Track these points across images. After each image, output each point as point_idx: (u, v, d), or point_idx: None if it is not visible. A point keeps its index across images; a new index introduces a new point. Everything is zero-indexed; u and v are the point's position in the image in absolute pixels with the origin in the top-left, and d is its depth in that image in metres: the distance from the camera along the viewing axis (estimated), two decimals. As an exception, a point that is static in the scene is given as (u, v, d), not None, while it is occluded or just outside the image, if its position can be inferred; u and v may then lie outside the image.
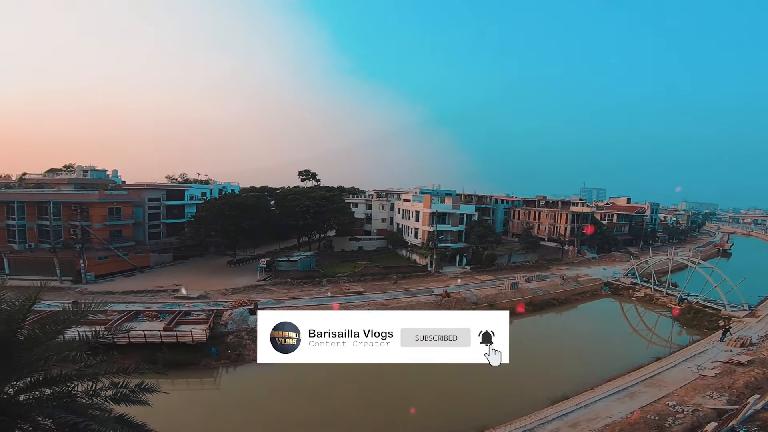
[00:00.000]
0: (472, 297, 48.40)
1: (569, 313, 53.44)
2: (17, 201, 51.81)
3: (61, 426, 9.77)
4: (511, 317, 44.74)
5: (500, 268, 67.66)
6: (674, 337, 45.83)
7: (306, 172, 79.32)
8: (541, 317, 50.54)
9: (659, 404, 25.82)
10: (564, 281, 60.16)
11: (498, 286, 54.26)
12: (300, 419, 24.95)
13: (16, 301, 11.95)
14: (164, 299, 41.90)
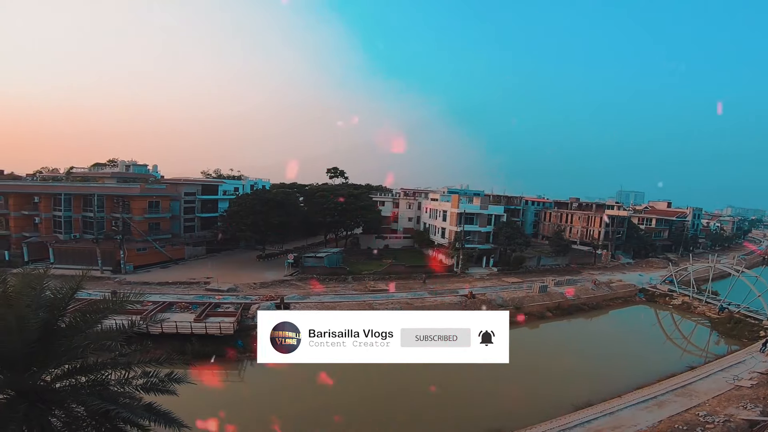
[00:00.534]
0: (497, 299, 47.65)
1: (600, 319, 51.86)
2: (64, 193, 55.21)
3: (93, 413, 10.30)
4: (537, 321, 44.42)
5: (528, 270, 66.32)
6: (711, 346, 43.76)
7: (334, 169, 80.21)
8: (569, 322, 49.27)
9: (689, 414, 24.88)
10: (595, 286, 58.33)
11: (525, 289, 53.18)
12: (321, 412, 25.43)
13: (59, 290, 12.53)
14: (196, 291, 43.63)
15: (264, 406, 25.68)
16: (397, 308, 41.68)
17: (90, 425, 10.60)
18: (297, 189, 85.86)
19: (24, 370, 10.42)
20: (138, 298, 14.59)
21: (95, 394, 10.76)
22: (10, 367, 10.24)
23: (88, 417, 10.64)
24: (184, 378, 13.23)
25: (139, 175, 68.51)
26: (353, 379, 29.54)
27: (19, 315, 10.31)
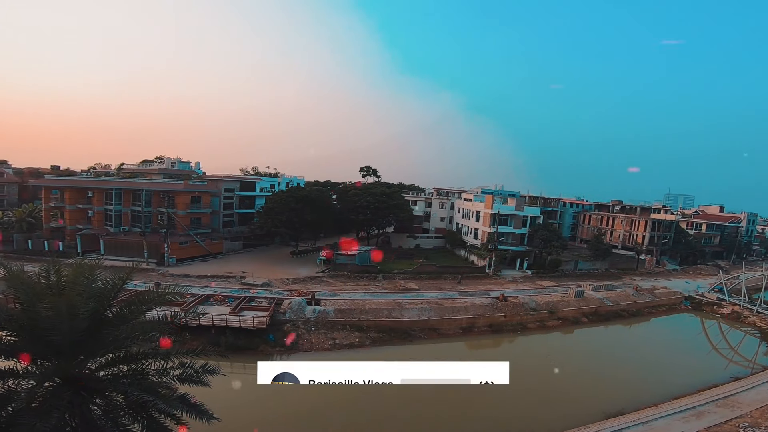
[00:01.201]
0: (530, 302, 46.55)
1: (639, 326, 49.78)
2: (115, 188, 58.91)
3: (132, 403, 10.89)
4: (571, 326, 43.10)
5: (565, 274, 64.31)
6: (760, 357, 41.33)
7: (367, 168, 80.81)
8: (605, 328, 47.66)
9: (728, 425, 23.84)
10: (637, 292, 56.01)
11: (560, 293, 51.77)
12: (345, 410, 25.83)
13: (109, 280, 13.18)
14: (232, 285, 45.38)
15: (289, 402, 26.27)
16: (426, 308, 41.65)
17: (127, 414, 11.19)
18: (330, 187, 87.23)
19: (71, 358, 11.05)
20: (179, 290, 15.35)
21: (135, 384, 11.30)
22: (59, 355, 10.87)
23: (126, 406, 11.19)
24: (217, 370, 13.81)
25: (183, 172, 71.90)
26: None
27: (70, 304, 10.84)
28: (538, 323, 44.57)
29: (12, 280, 12.14)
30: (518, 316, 44.18)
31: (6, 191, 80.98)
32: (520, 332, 42.43)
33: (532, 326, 43.91)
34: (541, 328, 44.02)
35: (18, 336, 11.23)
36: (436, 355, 36.81)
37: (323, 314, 37.62)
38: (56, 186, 63.52)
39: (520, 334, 42.14)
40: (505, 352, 39.86)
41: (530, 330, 43.24)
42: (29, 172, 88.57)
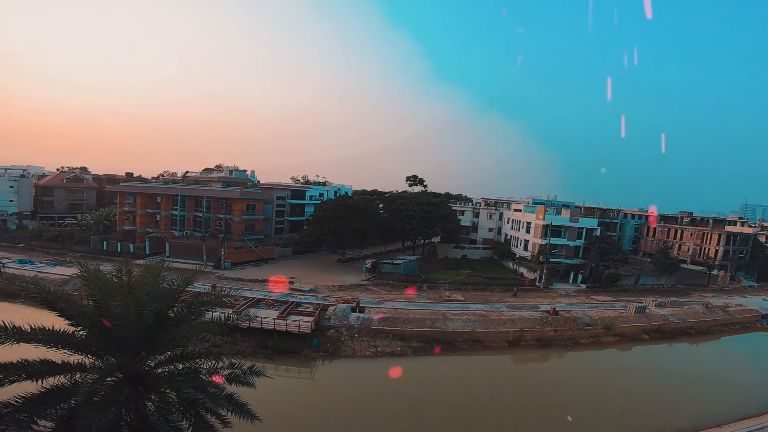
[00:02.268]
0: (584, 317, 44.27)
1: (708, 345, 46.05)
2: (180, 195, 63.60)
3: (183, 400, 11.63)
4: (629, 342, 40.89)
5: (624, 289, 60.66)
6: None
7: (413, 177, 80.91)
8: (669, 346, 44.57)
9: None
10: (707, 310, 51.83)
11: (619, 309, 48.98)
12: (386, 415, 25.88)
13: (173, 282, 14.08)
14: (281, 290, 47.04)
15: (330, 406, 26.73)
16: (471, 319, 40.80)
17: (178, 411, 11.92)
18: (377, 196, 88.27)
19: (134, 355, 11.90)
20: (233, 293, 16.23)
21: (188, 382, 12.04)
22: (123, 351, 11.75)
23: (178, 403, 11.93)
24: (263, 372, 14.46)
25: (239, 180, 76.14)
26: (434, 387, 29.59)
27: (138, 303, 11.73)
28: (592, 339, 42.29)
29: (88, 278, 13.20)
30: (570, 330, 42.13)
31: (86, 196, 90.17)
32: (571, 347, 40.54)
33: (585, 342, 41.74)
34: (594, 344, 41.81)
35: (89, 332, 12.18)
36: (479, 367, 36.14)
37: (366, 322, 38.03)
38: (129, 192, 69.66)
39: (570, 350, 40.26)
40: (554, 367, 38.39)
41: (582, 345, 41.17)
42: (106, 178, 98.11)
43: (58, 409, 11.03)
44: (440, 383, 31.76)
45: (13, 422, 10.35)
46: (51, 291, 12.81)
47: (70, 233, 67.06)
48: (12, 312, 33.92)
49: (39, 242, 64.88)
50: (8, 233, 70.54)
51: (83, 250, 60.34)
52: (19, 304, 37.73)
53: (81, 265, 14.22)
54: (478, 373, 34.91)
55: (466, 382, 32.32)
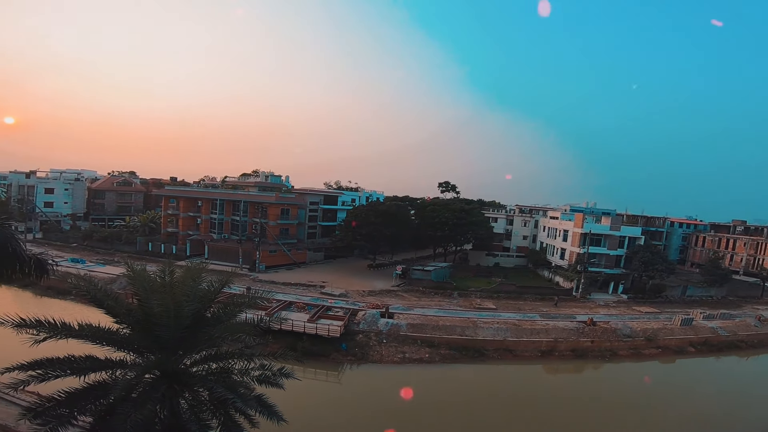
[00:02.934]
0: (624, 329, 42.56)
1: (759, 359, 43.39)
2: (219, 199, 66.25)
3: (214, 399, 11.98)
4: (673, 355, 39.18)
5: (669, 300, 57.83)
6: None
7: (446, 183, 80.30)
8: (716, 360, 42.37)
9: None
10: (759, 323, 48.88)
11: (662, 320, 46.74)
12: (411, 422, 25.74)
13: (211, 283, 14.47)
14: (312, 293, 48.02)
15: (356, 409, 26.84)
16: (502, 328, 39.97)
17: (208, 410, 12.30)
18: (409, 202, 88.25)
19: (171, 354, 12.37)
20: (266, 296, 16.68)
21: (220, 381, 12.38)
22: (162, 350, 12.24)
23: (209, 402, 12.31)
24: (292, 374, 14.72)
25: (275, 185, 78.49)
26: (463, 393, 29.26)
27: (177, 303, 12.21)
28: (632, 351, 40.55)
29: (134, 278, 13.88)
30: (608, 342, 40.59)
31: (134, 199, 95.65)
32: (609, 359, 39.03)
33: (624, 353, 40.09)
34: (634, 355, 40.06)
35: (132, 330, 12.78)
36: (509, 376, 35.41)
37: (395, 327, 38.01)
38: (173, 196, 73.35)
39: (608, 361, 38.79)
40: (589, 379, 37.21)
41: (621, 357, 39.60)
42: (153, 182, 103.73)
43: (97, 405, 11.51)
44: (468, 391, 31.38)
45: (55, 417, 10.85)
46: (100, 289, 13.47)
47: (118, 234, 71.37)
48: (62, 309, 36.44)
49: (90, 242, 69.42)
50: (62, 233, 75.92)
51: (130, 251, 63.95)
52: (69, 301, 40.29)
53: (128, 265, 14.96)
54: (508, 382, 34.26)
55: (494, 391, 31.76)
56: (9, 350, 12.55)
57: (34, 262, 13.33)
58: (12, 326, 10.94)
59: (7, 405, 20.46)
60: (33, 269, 13.26)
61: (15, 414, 15.60)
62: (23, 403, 17.22)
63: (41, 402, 11.63)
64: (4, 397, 21.02)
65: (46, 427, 10.67)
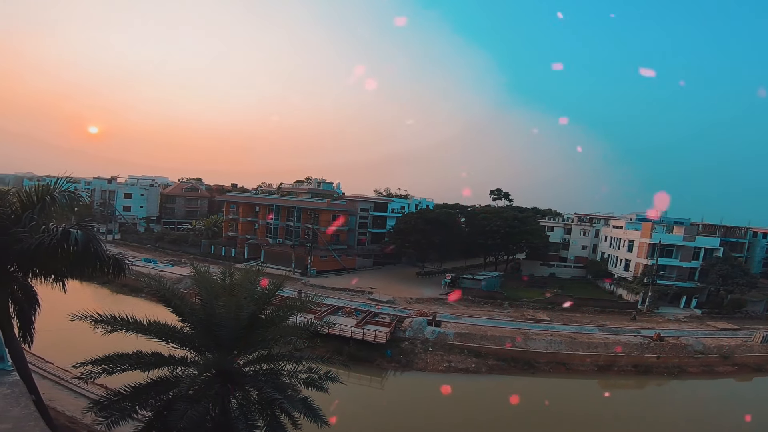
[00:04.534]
0: (696, 345, 39.50)
1: None
2: (275, 205, 69.47)
3: (263, 400, 12.49)
4: (750, 373, 35.76)
5: (749, 316, 52.83)
6: None
7: (498, 191, 78.36)
8: None
9: None
10: None
11: (741, 338, 42.82)
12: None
13: (267, 286, 14.97)
14: (360, 299, 48.70)
15: (397, 416, 26.72)
16: (556, 341, 38.29)
17: (256, 410, 12.84)
18: (459, 210, 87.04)
19: (228, 353, 13.05)
20: (317, 300, 17.26)
21: (270, 382, 12.91)
22: (220, 349, 12.94)
23: (257, 402, 12.83)
24: (338, 378, 15.09)
25: (326, 192, 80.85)
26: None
27: (237, 305, 12.79)
28: (703, 368, 37.68)
29: (198, 279, 14.75)
30: (676, 358, 37.96)
31: (199, 204, 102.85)
32: (676, 376, 36.39)
33: (694, 370, 37.34)
34: (705, 373, 37.24)
35: (194, 328, 13.57)
36: (561, 390, 33.80)
37: (442, 336, 37.58)
38: (233, 201, 77.92)
39: (674, 378, 36.16)
40: (653, 396, 34.63)
41: (689, 374, 36.90)
42: (216, 188, 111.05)
43: (157, 400, 12.30)
44: (516, 404, 30.25)
45: (118, 411, 11.73)
46: (168, 288, 14.39)
47: (185, 237, 77.14)
48: (133, 305, 39.71)
49: (161, 244, 75.62)
50: (138, 235, 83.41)
51: (195, 253, 68.84)
52: (140, 298, 43.83)
53: (193, 267, 15.97)
54: (559, 396, 32.64)
55: (545, 404, 30.38)
56: (83, 345, 14.00)
57: (113, 262, 14.76)
58: (91, 322, 12.18)
59: (76, 397, 22.56)
60: (112, 268, 14.71)
61: (83, 406, 17.33)
62: (92, 395, 18.93)
63: (108, 395, 12.58)
64: (74, 389, 23.15)
65: (109, 419, 11.54)
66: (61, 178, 15.22)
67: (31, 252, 12.37)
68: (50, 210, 14.16)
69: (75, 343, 20.27)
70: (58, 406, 20.87)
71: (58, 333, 21.04)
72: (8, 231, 12.67)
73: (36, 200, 13.93)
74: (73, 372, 21.01)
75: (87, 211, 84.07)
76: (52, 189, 14.46)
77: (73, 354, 14.79)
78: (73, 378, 23.26)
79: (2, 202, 13.95)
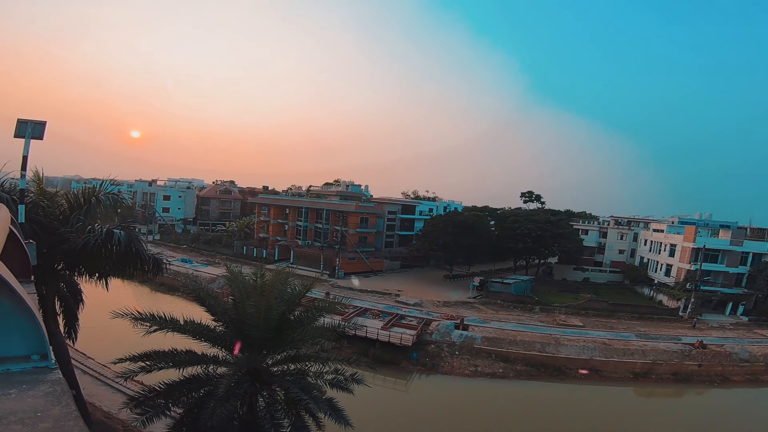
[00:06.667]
0: (741, 353, 37.79)
1: None
2: (304, 207, 70.68)
3: (289, 399, 12.69)
4: None
5: None
6: None
7: (529, 193, 76.49)
8: None
9: None
10: None
11: None
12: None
13: (296, 287, 15.30)
14: (387, 301, 48.72)
15: (421, 420, 26.53)
16: (589, 347, 37.19)
17: (282, 409, 13.04)
18: (488, 212, 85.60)
19: (258, 352, 13.19)
20: (345, 302, 17.33)
21: (296, 382, 13.03)
22: (251, 348, 13.14)
23: (284, 402, 13.05)
24: (363, 380, 15.13)
25: (355, 194, 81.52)
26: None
27: (268, 306, 12.90)
28: (748, 376, 36.04)
29: (232, 279, 15.02)
30: (719, 366, 36.34)
31: (232, 206, 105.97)
32: (718, 384, 34.84)
33: (738, 379, 35.75)
34: (751, 381, 35.58)
35: (226, 327, 13.92)
36: (594, 398, 32.72)
37: (469, 340, 37.07)
38: (265, 203, 79.85)
39: (717, 387, 34.59)
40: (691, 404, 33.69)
41: (733, 383, 35.32)
42: (248, 191, 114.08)
43: (189, 398, 12.67)
44: (542, 410, 29.70)
45: (153, 407, 12.16)
46: (203, 288, 14.87)
47: (219, 238, 79.76)
48: (170, 303, 41.24)
49: (197, 244, 78.47)
50: (175, 236, 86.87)
51: (228, 253, 71.00)
52: (176, 296, 45.45)
53: (227, 267, 16.69)
54: (590, 404, 31.71)
55: (576, 412, 29.66)
56: (123, 341, 14.63)
57: (153, 261, 15.45)
58: (131, 319, 12.78)
59: (113, 392, 23.42)
60: (151, 267, 15.42)
61: (119, 401, 18.04)
62: (129, 392, 19.62)
63: (143, 392, 13.11)
64: (112, 384, 24.08)
65: (144, 416, 11.98)
66: (106, 181, 16.12)
67: (78, 251, 13.14)
68: (95, 211, 14.99)
69: (115, 338, 21.29)
70: (95, 401, 21.76)
71: (100, 329, 22.12)
72: (57, 231, 13.46)
73: (83, 202, 14.78)
74: (111, 368, 22.01)
75: (129, 212, 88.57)
76: (97, 191, 15.32)
77: (114, 350, 15.55)
78: (111, 374, 24.39)
79: (51, 203, 14.81)
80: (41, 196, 14.70)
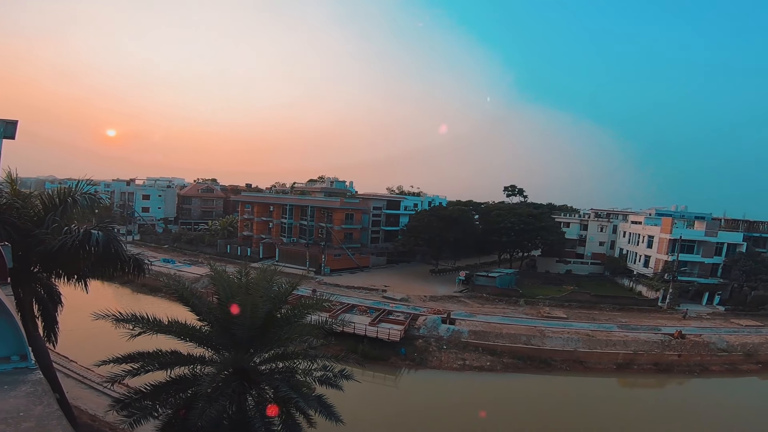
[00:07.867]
0: (719, 342, 38.78)
1: None
2: (288, 204, 70.02)
3: (278, 398, 12.59)
4: None
5: None
6: None
7: (512, 187, 77.47)
8: None
9: None
10: None
11: (766, 335, 41.86)
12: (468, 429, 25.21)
13: (282, 285, 15.13)
14: (374, 297, 48.68)
15: (411, 414, 26.75)
16: (573, 338, 37.85)
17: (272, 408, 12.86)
18: (473, 207, 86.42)
19: (244, 352, 13.15)
20: (331, 298, 17.31)
21: (285, 380, 12.97)
22: (237, 347, 13.09)
23: (273, 400, 12.95)
24: (352, 376, 15.18)
25: (339, 191, 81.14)
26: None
27: (254, 304, 12.84)
28: (726, 366, 37.01)
29: (216, 278, 14.92)
30: (698, 356, 37.23)
31: (215, 204, 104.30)
32: (698, 374, 35.74)
33: (717, 369, 36.68)
34: (729, 371, 36.54)
35: (212, 327, 13.74)
36: (578, 389, 33.45)
37: (456, 334, 37.42)
38: (248, 201, 78.75)
39: (696, 377, 35.51)
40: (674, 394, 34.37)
41: (712, 372, 36.24)
42: (231, 189, 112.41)
43: (176, 399, 12.54)
44: (528, 401, 30.26)
45: (140, 409, 12.00)
46: (186, 288, 14.56)
47: (201, 237, 78.36)
48: (152, 304, 40.36)
49: (179, 244, 76.96)
50: (156, 236, 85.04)
51: (211, 252, 69.86)
52: (159, 297, 44.54)
53: (210, 266, 16.32)
54: (576, 395, 32.34)
55: (562, 402, 30.26)
56: (106, 343, 14.27)
57: (133, 262, 15.11)
58: (113, 321, 12.47)
59: (98, 395, 22.86)
60: (132, 268, 15.06)
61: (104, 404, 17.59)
62: (114, 394, 19.21)
63: (129, 394, 12.86)
64: (97, 387, 23.48)
65: (131, 419, 11.79)
66: (82, 181, 15.62)
67: (54, 253, 12.73)
68: (72, 212, 14.51)
69: (98, 341, 20.79)
70: (80, 405, 21.28)
71: (81, 332, 21.53)
72: (31, 233, 13.02)
73: (58, 203, 14.31)
74: (95, 371, 21.43)
75: (107, 212, 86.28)
76: (73, 191, 14.84)
77: (96, 352, 15.14)
78: (95, 377, 23.77)
79: (25, 204, 14.32)
80: (15, 197, 14.20)
